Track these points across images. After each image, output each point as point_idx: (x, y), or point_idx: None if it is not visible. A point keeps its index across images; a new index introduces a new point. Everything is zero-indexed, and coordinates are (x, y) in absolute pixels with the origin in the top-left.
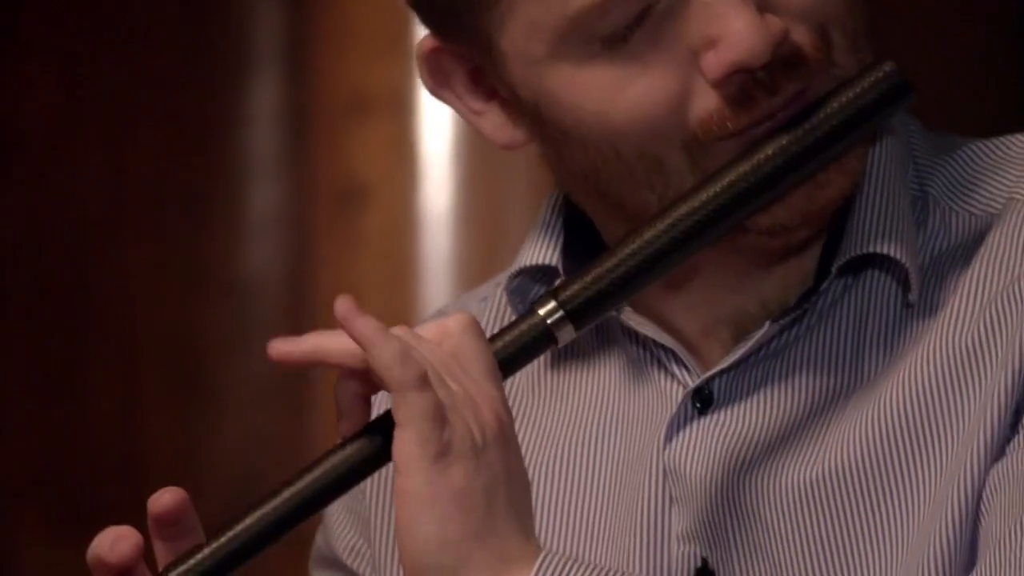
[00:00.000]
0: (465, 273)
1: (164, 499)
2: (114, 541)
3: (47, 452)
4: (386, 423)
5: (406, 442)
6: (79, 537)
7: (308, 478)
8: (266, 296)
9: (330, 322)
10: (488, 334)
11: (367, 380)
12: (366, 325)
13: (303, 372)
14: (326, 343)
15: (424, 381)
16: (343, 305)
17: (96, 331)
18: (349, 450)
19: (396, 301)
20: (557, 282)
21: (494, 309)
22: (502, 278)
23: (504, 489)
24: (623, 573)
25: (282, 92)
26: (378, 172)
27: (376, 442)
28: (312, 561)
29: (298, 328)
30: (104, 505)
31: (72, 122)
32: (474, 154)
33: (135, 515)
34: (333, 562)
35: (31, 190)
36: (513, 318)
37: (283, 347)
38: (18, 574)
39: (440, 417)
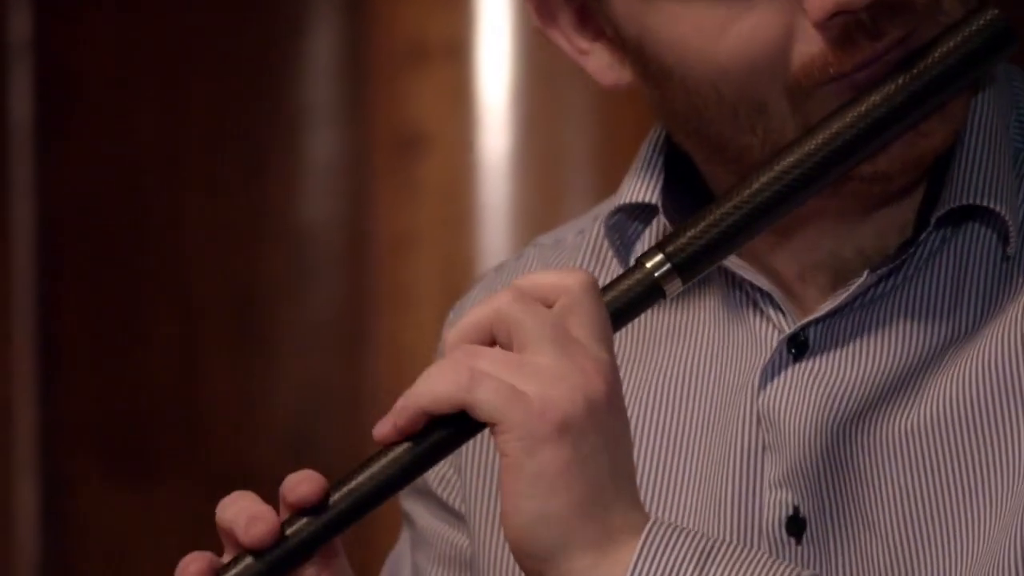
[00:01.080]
0: (523, 220)
1: (301, 489)
2: (250, 521)
3: (107, 400)
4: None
5: (500, 433)
6: (138, 484)
7: (408, 444)
8: (324, 244)
9: (387, 270)
10: (586, 266)
11: None
12: (416, 394)
13: (361, 318)
14: (422, 400)
15: (475, 378)
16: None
17: (154, 280)
18: (447, 426)
19: (453, 249)
20: (654, 223)
21: (591, 243)
22: (599, 210)
23: (608, 457)
24: (730, 543)
25: (340, 39)
26: (436, 119)
27: (468, 420)
28: (402, 492)
29: (355, 276)
30: (163, 452)
31: (129, 72)
32: (532, 101)
33: (193, 462)
34: (423, 491)
35: (88, 140)
36: (610, 254)
37: (383, 430)
38: (79, 520)
39: (517, 400)
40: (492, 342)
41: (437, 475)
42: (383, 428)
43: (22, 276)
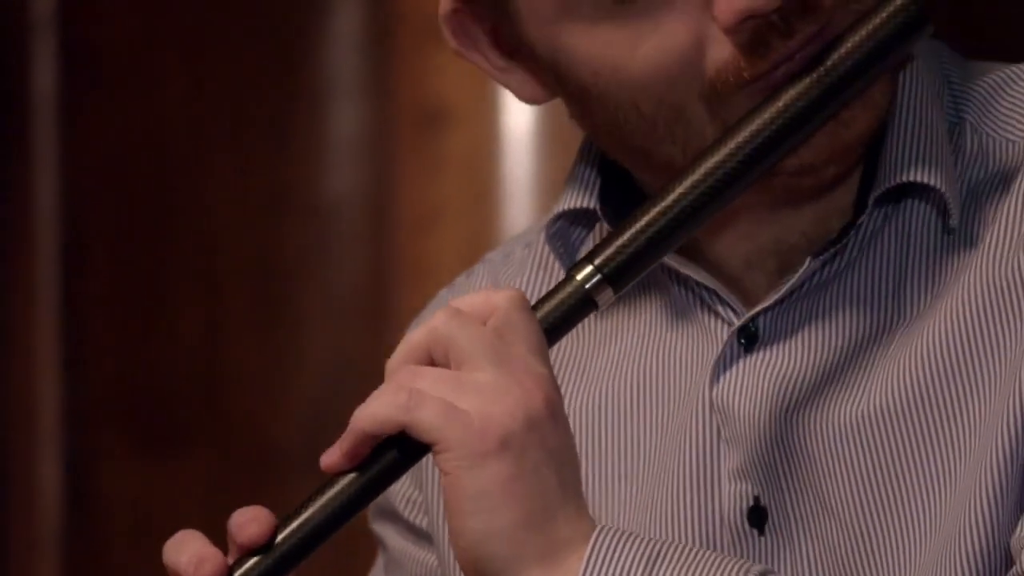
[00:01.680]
0: (547, 195)
1: (249, 531)
2: (199, 563)
3: (130, 375)
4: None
5: (439, 453)
6: (163, 455)
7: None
8: (347, 218)
9: (410, 245)
10: (531, 282)
11: None
12: (359, 417)
13: (384, 292)
14: (363, 423)
15: (415, 399)
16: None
17: (178, 254)
18: (390, 451)
19: (477, 223)
20: (596, 227)
21: (537, 255)
22: (544, 224)
23: (553, 469)
24: (678, 545)
25: (364, 13)
26: (460, 94)
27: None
28: (371, 514)
29: (378, 251)
30: (187, 427)
31: (152, 45)
32: None
33: (216, 436)
34: (390, 513)
35: (112, 114)
36: (556, 264)
37: (330, 459)
38: (102, 494)
39: (455, 419)
40: (431, 363)
41: (402, 496)
42: (330, 457)
43: (45, 250)
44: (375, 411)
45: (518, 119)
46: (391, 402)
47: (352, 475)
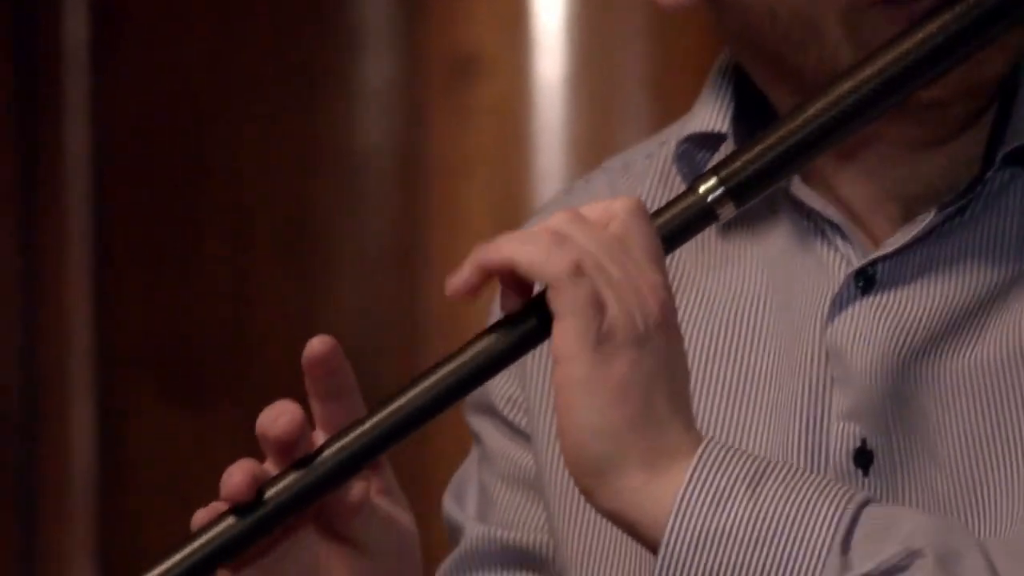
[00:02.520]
0: (578, 144)
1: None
2: (276, 416)
3: (162, 324)
4: (544, 307)
5: (565, 332)
6: (193, 404)
7: (465, 356)
8: (378, 168)
9: (441, 194)
10: (651, 194)
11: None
12: (500, 245)
13: (414, 242)
14: (484, 259)
15: (578, 270)
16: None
17: (209, 204)
18: (508, 330)
19: (508, 172)
20: (722, 149)
21: (659, 169)
22: (667, 135)
23: (664, 379)
24: (783, 465)
25: None
26: (491, 43)
27: (533, 323)
28: (466, 406)
29: (409, 200)
30: (218, 376)
31: None
32: (588, 24)
33: (248, 385)
34: (488, 409)
35: (143, 65)
36: (678, 180)
37: (454, 283)
38: (134, 443)
39: (598, 305)
40: None
41: (503, 394)
42: (455, 281)
43: (76, 200)
44: (531, 256)
45: (550, 67)
46: (539, 250)
47: (458, 359)
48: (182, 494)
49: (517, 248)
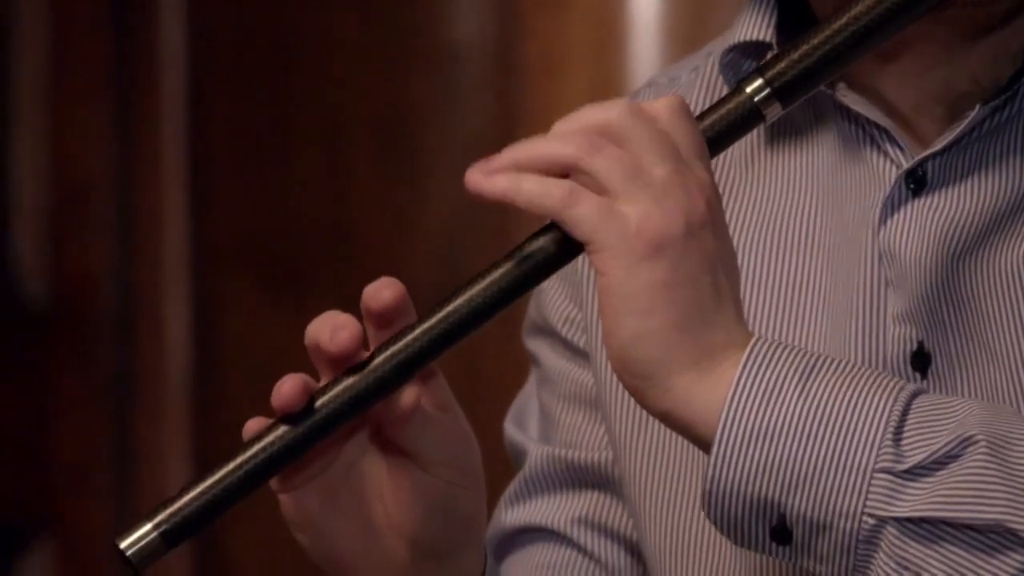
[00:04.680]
0: (673, 40)
1: (384, 295)
2: (334, 330)
3: (257, 219)
4: None
5: (594, 253)
6: (288, 299)
7: (515, 259)
8: (472, 63)
9: (536, 91)
10: (698, 106)
11: None
12: (495, 181)
13: (509, 139)
14: (521, 189)
15: (573, 193)
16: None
17: (303, 99)
18: (550, 237)
19: (603, 68)
20: (768, 56)
21: (705, 81)
22: (713, 47)
23: (710, 276)
24: (834, 359)
25: None
26: None
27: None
28: (525, 331)
29: (504, 97)
30: (313, 271)
31: None
32: None
33: (343, 281)
34: (546, 330)
35: None
36: (722, 87)
37: (478, 180)
38: (230, 339)
39: (617, 215)
40: None
41: (560, 314)
42: (478, 178)
43: (171, 98)
44: (535, 192)
45: None
46: (549, 193)
47: (506, 266)
48: None
49: (516, 188)
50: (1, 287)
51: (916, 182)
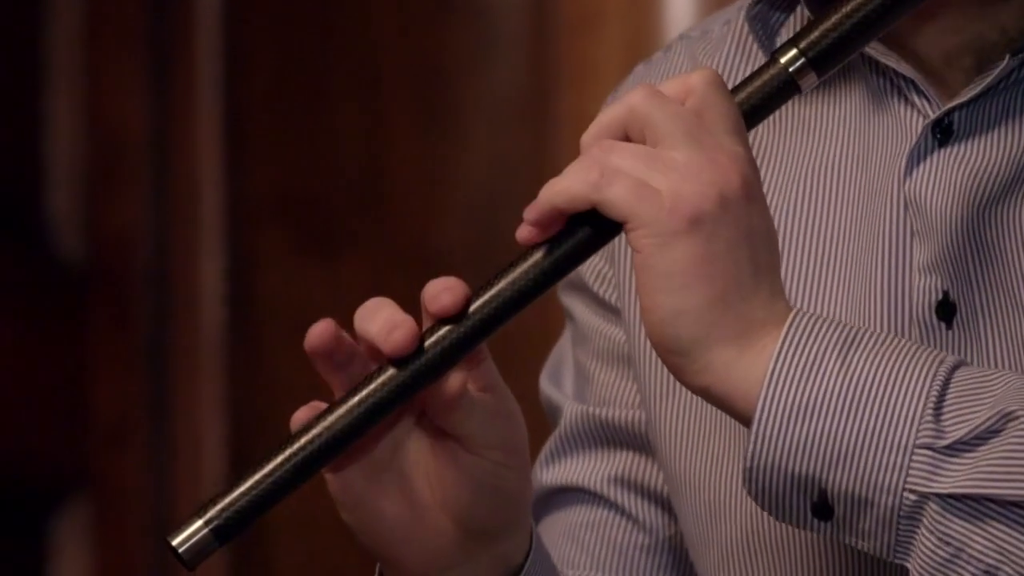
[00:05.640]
0: None
1: (443, 300)
2: (390, 329)
3: (292, 176)
4: None
5: (630, 232)
6: (323, 257)
7: (539, 254)
8: (508, 20)
9: (572, 47)
10: (729, 59)
11: None
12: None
13: (546, 94)
14: (555, 193)
15: (603, 177)
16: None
17: (340, 57)
18: (588, 219)
19: (639, 24)
20: (797, 11)
21: (735, 35)
22: (744, 1)
23: (747, 250)
24: (873, 332)
25: None
26: None
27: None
28: (560, 286)
29: (540, 52)
30: (349, 228)
31: None
32: None
33: (379, 238)
34: (580, 286)
35: None
36: (755, 46)
37: (523, 232)
38: (264, 295)
39: (649, 194)
40: (627, 140)
41: (592, 270)
42: (524, 231)
43: (207, 55)
44: (566, 186)
45: None
46: (582, 179)
47: (543, 249)
48: None
49: (551, 198)
50: (37, 245)
51: (943, 132)
